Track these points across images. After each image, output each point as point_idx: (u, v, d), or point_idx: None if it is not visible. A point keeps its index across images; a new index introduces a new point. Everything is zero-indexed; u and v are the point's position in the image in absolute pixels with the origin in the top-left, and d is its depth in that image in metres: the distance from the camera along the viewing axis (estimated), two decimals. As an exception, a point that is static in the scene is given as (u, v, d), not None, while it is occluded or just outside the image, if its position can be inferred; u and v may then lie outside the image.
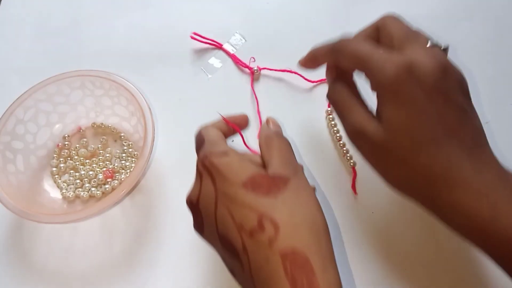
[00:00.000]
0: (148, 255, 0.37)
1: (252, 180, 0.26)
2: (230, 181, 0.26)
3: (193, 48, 0.47)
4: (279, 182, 0.27)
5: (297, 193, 0.26)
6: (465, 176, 0.26)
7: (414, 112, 0.27)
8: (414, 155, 0.27)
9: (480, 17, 0.48)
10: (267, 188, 0.26)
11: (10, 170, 0.38)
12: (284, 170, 0.28)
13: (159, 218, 0.39)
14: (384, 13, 0.32)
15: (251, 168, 0.27)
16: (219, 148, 0.29)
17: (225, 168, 0.27)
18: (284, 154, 0.29)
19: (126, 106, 0.41)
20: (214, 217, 0.27)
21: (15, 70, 0.47)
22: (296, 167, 0.29)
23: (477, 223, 0.26)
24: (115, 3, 0.51)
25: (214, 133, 0.31)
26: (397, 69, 0.27)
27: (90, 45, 0.48)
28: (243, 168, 0.27)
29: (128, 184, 0.35)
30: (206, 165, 0.28)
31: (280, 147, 0.30)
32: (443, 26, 0.47)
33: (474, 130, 0.28)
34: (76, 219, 0.34)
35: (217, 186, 0.27)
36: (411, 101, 0.27)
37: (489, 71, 0.45)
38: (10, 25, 0.50)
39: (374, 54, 0.29)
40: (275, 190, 0.26)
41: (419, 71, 0.27)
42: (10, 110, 0.38)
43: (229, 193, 0.26)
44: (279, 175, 0.27)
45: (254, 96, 0.43)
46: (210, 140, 0.30)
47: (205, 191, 0.27)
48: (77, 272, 0.37)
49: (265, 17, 0.49)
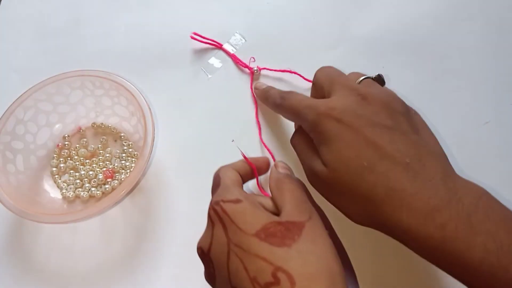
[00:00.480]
0: (148, 255, 0.37)
1: (265, 229, 0.25)
2: (243, 231, 0.25)
3: (193, 48, 0.47)
4: (294, 230, 0.26)
5: (312, 241, 0.25)
6: (407, 198, 0.26)
7: (343, 145, 0.28)
8: (356, 186, 0.27)
9: (480, 17, 0.48)
10: (281, 238, 0.25)
11: (10, 170, 0.38)
12: (298, 215, 0.27)
13: (159, 218, 0.39)
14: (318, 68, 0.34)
15: (264, 216, 0.26)
16: (232, 194, 0.28)
17: (237, 216, 0.26)
18: (297, 197, 0.29)
19: (126, 106, 0.41)
20: (226, 268, 0.26)
21: (15, 70, 0.47)
22: (311, 211, 0.28)
23: (429, 247, 0.25)
24: (115, 3, 0.51)
25: (231, 176, 0.31)
26: (317, 112, 0.29)
27: (90, 45, 0.48)
28: (256, 216, 0.26)
29: (128, 184, 0.35)
30: (218, 212, 0.27)
31: (292, 190, 0.29)
32: (443, 26, 0.47)
33: (408, 146, 0.28)
34: (76, 219, 0.34)
35: (229, 236, 0.26)
36: (337, 137, 0.28)
37: (489, 71, 0.45)
38: (10, 25, 0.50)
39: (302, 106, 0.31)
40: (290, 239, 0.25)
41: (337, 108, 0.29)
42: (10, 110, 0.38)
43: (242, 244, 0.25)
44: (292, 222, 0.26)
45: (253, 97, 0.43)
46: (225, 183, 0.30)
47: (216, 240, 0.27)
48: (77, 272, 0.37)
49: (265, 17, 0.49)
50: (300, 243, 0.25)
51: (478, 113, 0.43)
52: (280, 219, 0.26)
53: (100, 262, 0.37)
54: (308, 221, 0.27)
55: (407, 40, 0.46)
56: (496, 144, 0.40)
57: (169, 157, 0.42)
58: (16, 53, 0.49)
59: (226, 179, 0.30)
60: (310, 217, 0.27)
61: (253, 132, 0.42)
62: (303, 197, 0.29)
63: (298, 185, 0.30)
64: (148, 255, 0.37)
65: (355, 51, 0.46)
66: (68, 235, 0.38)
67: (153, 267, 0.37)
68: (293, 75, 0.44)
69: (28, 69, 0.47)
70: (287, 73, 0.44)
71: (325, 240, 0.26)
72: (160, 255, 0.37)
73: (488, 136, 0.41)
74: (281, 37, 0.48)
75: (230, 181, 0.30)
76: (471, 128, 0.42)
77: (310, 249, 0.25)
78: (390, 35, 0.46)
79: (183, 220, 0.39)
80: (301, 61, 0.46)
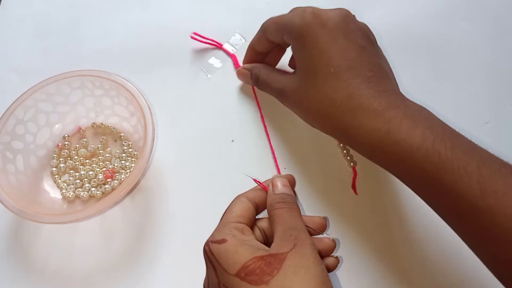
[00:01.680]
0: (148, 255, 0.37)
1: (245, 267, 0.26)
2: (226, 271, 0.26)
3: (193, 48, 0.47)
4: (274, 263, 0.26)
5: (293, 273, 0.25)
6: (363, 100, 0.29)
7: (318, 50, 0.31)
8: (319, 89, 0.31)
9: (480, 17, 0.48)
10: (260, 275, 0.25)
11: (10, 170, 0.38)
12: (282, 245, 0.27)
13: (159, 218, 0.39)
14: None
15: (246, 254, 0.27)
16: (221, 234, 0.29)
17: (221, 257, 0.27)
18: (284, 225, 0.29)
19: (126, 106, 0.41)
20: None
21: (15, 70, 0.47)
22: (297, 237, 0.28)
23: (375, 139, 0.28)
24: (115, 3, 0.51)
25: (236, 211, 0.31)
26: (303, 16, 0.33)
27: (90, 45, 0.48)
28: (237, 255, 0.27)
29: (128, 184, 0.35)
30: (207, 252, 0.28)
31: (282, 218, 0.30)
32: (443, 26, 0.47)
33: (373, 64, 0.31)
34: (76, 219, 0.34)
35: (219, 276, 0.27)
36: (315, 41, 0.32)
37: (489, 71, 0.45)
38: (10, 25, 0.50)
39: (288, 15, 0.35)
40: (268, 274, 0.25)
41: (323, 16, 0.32)
42: (10, 110, 0.38)
43: (227, 284, 0.26)
44: (275, 254, 0.26)
45: (254, 95, 0.43)
46: (223, 221, 0.30)
47: (211, 280, 0.28)
48: (77, 272, 0.37)
49: (265, 17, 0.49)
50: (278, 277, 0.25)
51: (478, 113, 0.43)
52: (265, 252, 0.27)
53: (100, 262, 0.37)
54: (291, 251, 0.26)
55: (407, 40, 0.46)
56: (496, 144, 0.40)
57: (169, 157, 0.42)
58: (15, 53, 0.49)
59: (228, 214, 0.31)
60: (294, 245, 0.27)
61: (253, 132, 0.42)
62: (291, 223, 0.29)
63: (289, 209, 0.30)
64: (148, 255, 0.37)
65: (355, 51, 0.46)
66: (68, 235, 0.38)
67: (153, 267, 0.37)
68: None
69: (28, 69, 0.47)
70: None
71: (307, 270, 0.26)
72: (160, 255, 0.37)
73: (488, 136, 0.41)
74: (281, 37, 0.48)
75: (230, 217, 0.30)
76: (471, 128, 0.41)
77: (289, 283, 0.25)
78: (390, 35, 0.46)
79: (183, 220, 0.39)
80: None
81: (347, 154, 0.40)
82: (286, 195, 0.32)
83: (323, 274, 0.26)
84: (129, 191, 0.35)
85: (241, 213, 0.31)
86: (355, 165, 0.39)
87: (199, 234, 0.31)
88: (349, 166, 0.40)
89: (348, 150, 0.40)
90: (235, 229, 0.29)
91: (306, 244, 0.27)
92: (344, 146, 0.40)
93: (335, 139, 0.37)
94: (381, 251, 0.37)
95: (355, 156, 0.40)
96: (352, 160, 0.40)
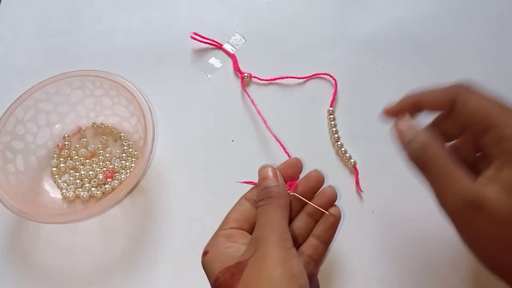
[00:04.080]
0: (148, 255, 0.37)
1: (216, 280, 0.26)
2: (210, 281, 0.27)
3: (193, 48, 0.47)
4: (236, 273, 0.25)
5: (252, 282, 0.24)
6: None
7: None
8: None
9: (480, 17, 0.48)
10: (225, 287, 0.25)
11: (10, 170, 0.38)
12: (246, 251, 0.26)
13: (159, 218, 0.39)
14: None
15: (219, 264, 0.27)
16: (207, 245, 0.29)
17: (205, 268, 0.28)
18: (258, 226, 0.27)
19: (126, 106, 0.41)
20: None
21: (15, 70, 0.47)
22: (260, 239, 0.26)
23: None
24: (115, 3, 0.51)
25: (230, 214, 0.30)
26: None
27: (90, 45, 0.48)
28: (213, 266, 0.27)
29: (128, 184, 0.35)
30: (201, 262, 0.29)
31: (259, 217, 0.28)
32: (443, 26, 0.47)
33: None
34: (76, 219, 0.34)
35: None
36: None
37: (489, 71, 0.45)
38: (10, 25, 0.50)
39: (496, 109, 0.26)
40: (231, 286, 0.25)
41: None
42: (10, 110, 0.38)
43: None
44: (240, 262, 0.26)
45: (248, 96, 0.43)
46: (218, 227, 0.30)
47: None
48: (77, 271, 0.37)
49: (265, 17, 0.49)
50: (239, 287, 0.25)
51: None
52: (234, 261, 0.26)
53: (100, 262, 0.37)
54: (251, 258, 0.25)
55: (407, 40, 0.46)
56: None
57: (169, 157, 0.42)
58: (16, 53, 0.49)
59: (223, 220, 0.30)
60: (255, 250, 0.25)
61: (253, 132, 0.42)
62: (263, 222, 0.27)
63: (266, 206, 0.28)
64: (148, 255, 0.37)
65: (355, 51, 0.46)
66: (68, 235, 0.38)
67: (153, 266, 0.37)
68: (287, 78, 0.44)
69: (28, 69, 0.47)
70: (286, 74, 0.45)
71: (268, 274, 0.24)
72: (160, 255, 0.37)
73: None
74: (281, 37, 0.48)
75: (222, 224, 0.30)
76: (471, 128, 0.42)
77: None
78: (390, 35, 0.46)
79: (183, 220, 0.39)
80: (301, 60, 0.46)
81: (345, 155, 0.40)
82: (266, 189, 0.29)
83: (289, 275, 0.24)
84: (129, 191, 0.35)
85: (234, 218, 0.30)
86: (356, 165, 0.39)
87: (199, 234, 0.31)
88: (347, 165, 0.40)
89: (346, 150, 0.40)
90: (223, 236, 0.29)
91: (267, 246, 0.25)
92: (342, 145, 0.40)
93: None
94: (381, 251, 0.37)
95: (353, 156, 0.40)
96: (352, 160, 0.40)
